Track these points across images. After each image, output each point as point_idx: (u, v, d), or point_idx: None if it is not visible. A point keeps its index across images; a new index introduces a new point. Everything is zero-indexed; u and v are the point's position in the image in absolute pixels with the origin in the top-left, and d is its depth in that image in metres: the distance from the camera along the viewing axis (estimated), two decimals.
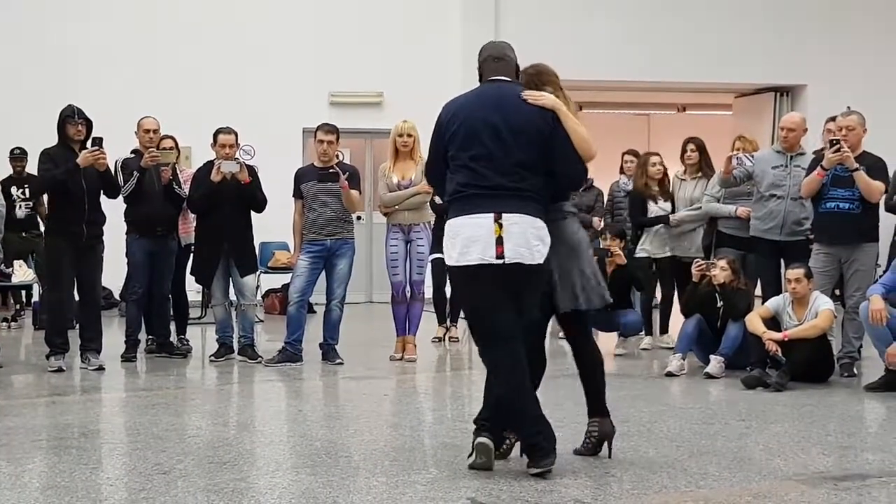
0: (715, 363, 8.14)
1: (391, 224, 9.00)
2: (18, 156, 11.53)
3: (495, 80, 5.18)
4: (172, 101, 12.95)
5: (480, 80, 5.25)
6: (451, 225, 5.05)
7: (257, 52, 14.44)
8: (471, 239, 4.94)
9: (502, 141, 4.99)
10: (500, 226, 4.91)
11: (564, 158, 5.08)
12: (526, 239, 4.95)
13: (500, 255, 4.91)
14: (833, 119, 8.72)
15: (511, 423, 5.14)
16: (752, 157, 8.89)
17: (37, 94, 12.97)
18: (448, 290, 9.28)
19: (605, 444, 5.34)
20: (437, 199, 8.38)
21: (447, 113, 5.17)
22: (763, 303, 8.33)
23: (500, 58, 5.22)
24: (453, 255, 5.02)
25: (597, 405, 5.35)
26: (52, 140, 8.44)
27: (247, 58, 14.39)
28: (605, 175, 12.16)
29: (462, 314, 4.99)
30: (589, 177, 11.31)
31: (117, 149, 9.00)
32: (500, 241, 4.90)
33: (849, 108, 8.63)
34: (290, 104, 14.22)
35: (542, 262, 5.00)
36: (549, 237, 5.03)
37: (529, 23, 14.69)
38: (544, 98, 5.08)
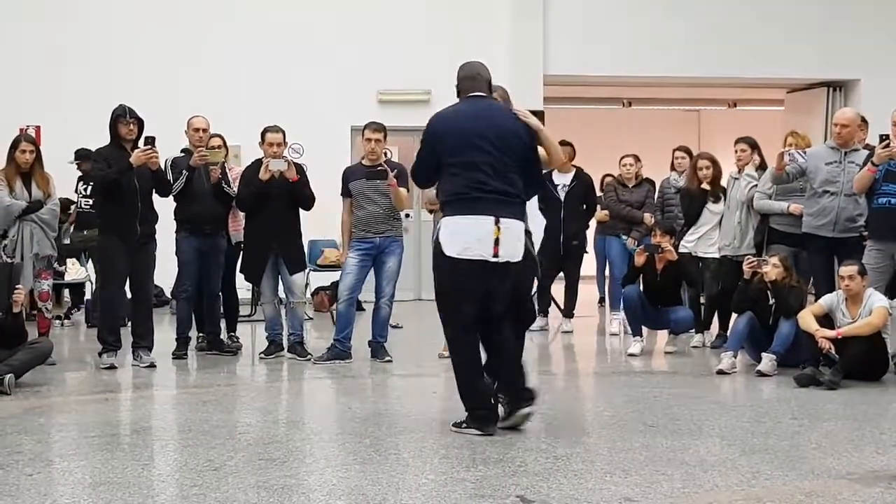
0: (767, 361, 8.07)
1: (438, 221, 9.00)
2: (77, 163, 11.69)
3: (478, 97, 5.97)
4: (222, 100, 13.05)
5: (458, 96, 6.02)
6: (452, 222, 5.84)
7: (306, 51, 14.52)
8: (475, 237, 5.74)
9: (498, 149, 5.77)
10: (499, 228, 5.73)
11: (536, 167, 6.02)
12: (515, 240, 5.83)
13: (495, 255, 5.74)
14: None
15: (461, 392, 5.92)
16: (805, 153, 8.79)
17: (82, 94, 13.16)
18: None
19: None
20: None
21: (441, 125, 5.94)
22: (816, 300, 8.24)
23: (473, 77, 6.02)
24: (455, 249, 5.77)
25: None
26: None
27: (296, 57, 14.47)
28: (656, 171, 12.11)
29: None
30: (640, 172, 11.46)
31: (165, 148, 9.06)
32: (497, 242, 5.73)
33: None
34: (339, 103, 14.29)
35: (521, 258, 5.88)
36: (524, 236, 5.93)
37: (578, 20, 14.64)
38: (531, 118, 5.99)
